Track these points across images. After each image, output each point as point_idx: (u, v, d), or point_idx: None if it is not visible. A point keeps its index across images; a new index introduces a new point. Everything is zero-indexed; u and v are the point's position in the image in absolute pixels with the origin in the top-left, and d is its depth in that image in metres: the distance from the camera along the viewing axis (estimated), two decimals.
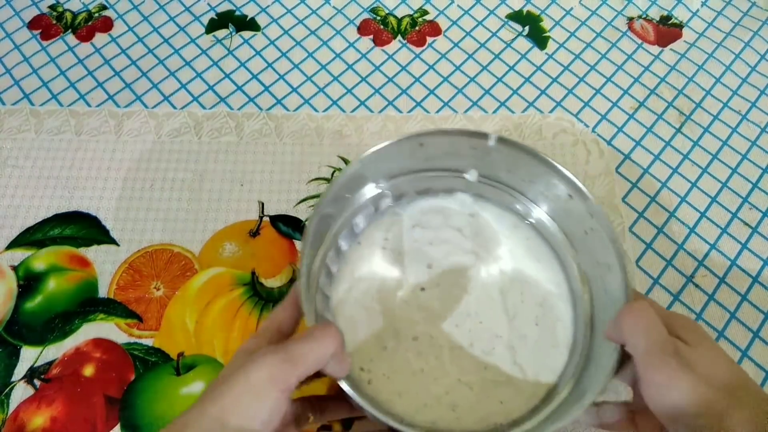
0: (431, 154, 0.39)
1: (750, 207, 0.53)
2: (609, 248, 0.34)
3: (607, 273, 0.35)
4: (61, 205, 0.51)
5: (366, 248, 0.39)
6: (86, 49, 0.61)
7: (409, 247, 0.40)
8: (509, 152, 0.37)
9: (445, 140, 0.38)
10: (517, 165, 0.38)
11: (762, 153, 0.56)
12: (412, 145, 0.37)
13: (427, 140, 0.37)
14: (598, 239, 0.36)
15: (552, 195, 0.38)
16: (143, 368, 0.44)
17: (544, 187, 0.39)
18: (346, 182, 0.37)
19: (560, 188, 0.37)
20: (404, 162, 0.39)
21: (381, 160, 0.37)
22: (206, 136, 0.55)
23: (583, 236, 0.37)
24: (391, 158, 0.38)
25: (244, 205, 0.51)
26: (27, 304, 0.47)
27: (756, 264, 0.50)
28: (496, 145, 0.37)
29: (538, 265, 0.39)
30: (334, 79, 0.59)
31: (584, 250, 0.38)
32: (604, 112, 0.58)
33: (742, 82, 0.60)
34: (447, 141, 0.38)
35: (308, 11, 0.64)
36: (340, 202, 0.38)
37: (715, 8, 0.66)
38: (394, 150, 0.37)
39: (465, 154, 0.39)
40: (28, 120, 0.56)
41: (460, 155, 0.39)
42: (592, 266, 0.37)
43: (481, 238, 0.40)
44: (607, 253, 0.34)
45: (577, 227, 0.38)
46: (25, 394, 0.43)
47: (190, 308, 0.47)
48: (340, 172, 0.34)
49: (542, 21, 0.64)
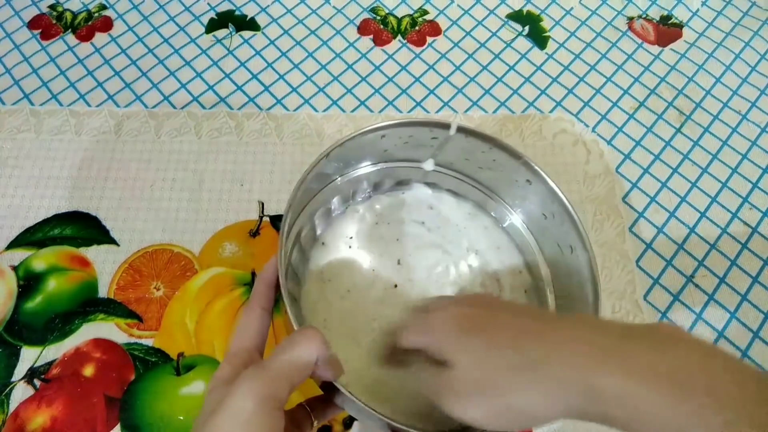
0: (390, 146, 0.39)
1: (750, 207, 0.53)
2: (570, 230, 0.35)
3: (570, 254, 0.35)
4: (61, 205, 0.51)
5: (332, 249, 0.39)
6: (86, 48, 0.61)
7: (376, 244, 0.40)
8: (468, 140, 0.37)
9: (406, 131, 0.37)
10: (474, 153, 0.38)
11: (762, 153, 0.56)
12: (374, 137, 0.37)
13: (388, 132, 0.37)
14: (558, 222, 0.36)
15: (509, 180, 0.39)
16: (143, 368, 0.44)
17: (502, 174, 0.39)
18: (313, 178, 0.35)
19: (520, 173, 0.37)
20: (365, 154, 0.39)
21: (344, 155, 0.37)
22: (206, 136, 0.55)
23: (543, 220, 0.38)
24: (353, 151, 0.38)
25: (244, 205, 0.51)
26: (27, 304, 0.47)
27: (756, 264, 0.50)
28: (456, 134, 0.37)
29: (498, 252, 0.40)
30: (334, 79, 0.59)
31: (545, 234, 0.39)
32: (604, 112, 0.58)
33: (742, 82, 0.60)
34: (408, 132, 0.38)
35: (308, 11, 0.64)
36: (302, 201, 0.37)
37: (715, 8, 0.66)
38: (356, 143, 0.36)
39: (425, 144, 0.39)
40: (28, 120, 0.56)
41: (420, 146, 0.39)
42: (553, 249, 0.38)
43: (444, 230, 0.41)
44: (569, 235, 0.35)
45: (536, 211, 0.39)
46: (25, 394, 0.43)
47: (190, 308, 0.47)
48: (305, 172, 0.33)
49: (542, 21, 0.64)
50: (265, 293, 0.31)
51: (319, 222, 0.39)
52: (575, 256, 0.35)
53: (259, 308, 0.30)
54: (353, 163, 0.39)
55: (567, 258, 0.36)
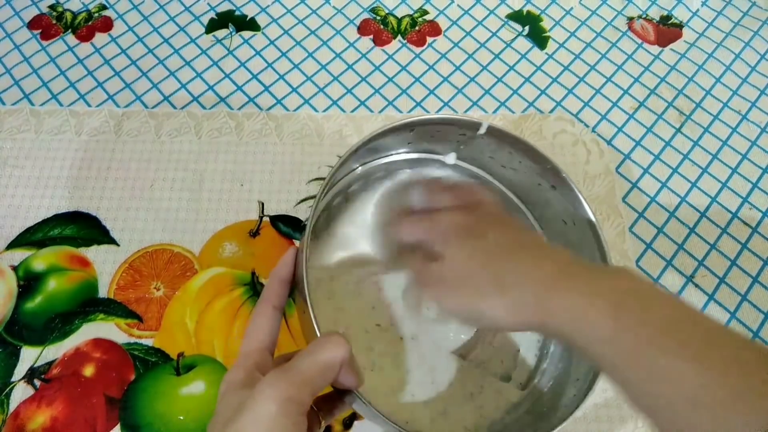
0: (415, 139, 0.39)
1: (750, 207, 0.53)
2: (591, 241, 0.36)
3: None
4: (61, 205, 0.51)
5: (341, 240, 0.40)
6: (86, 49, 0.61)
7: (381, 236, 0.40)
8: (496, 140, 0.37)
9: (435, 128, 0.38)
10: (499, 152, 0.39)
11: (762, 153, 0.56)
12: (403, 131, 0.37)
13: (418, 128, 0.37)
14: (578, 230, 0.37)
15: (532, 183, 0.39)
16: (143, 368, 0.44)
17: (525, 177, 0.39)
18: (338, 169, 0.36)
19: (545, 177, 0.37)
20: (388, 145, 0.39)
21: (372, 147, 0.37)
22: (206, 136, 0.55)
23: (562, 225, 0.39)
24: (380, 143, 0.38)
25: (244, 205, 0.51)
26: (27, 304, 0.47)
27: (756, 264, 0.50)
28: (484, 134, 0.37)
29: None
30: (334, 79, 0.59)
31: (559, 239, 0.39)
32: (604, 112, 0.58)
33: (742, 82, 0.60)
34: (437, 128, 0.38)
35: (308, 11, 0.64)
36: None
37: (715, 8, 0.66)
38: (388, 136, 0.36)
39: (451, 140, 0.39)
40: (28, 120, 0.56)
41: (446, 141, 0.40)
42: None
43: None
44: (589, 244, 0.36)
45: (555, 218, 0.39)
46: (25, 394, 0.43)
47: (190, 308, 0.47)
48: (335, 165, 0.34)
49: (542, 21, 0.64)
50: (277, 291, 0.30)
51: (335, 212, 0.40)
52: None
53: (270, 307, 0.30)
54: (376, 152, 0.40)
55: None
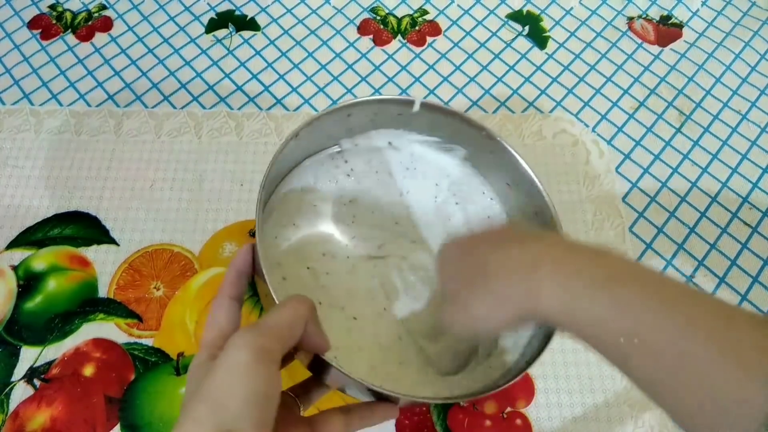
0: (356, 124, 0.39)
1: (750, 207, 0.53)
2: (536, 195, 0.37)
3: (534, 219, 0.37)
4: (61, 205, 0.51)
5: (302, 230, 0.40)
6: (86, 48, 0.61)
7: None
8: (433, 116, 0.38)
9: (370, 109, 0.38)
10: (440, 127, 0.39)
11: (762, 153, 0.56)
12: (340, 116, 0.37)
13: (354, 110, 0.37)
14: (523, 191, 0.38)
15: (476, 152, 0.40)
16: (143, 368, 0.44)
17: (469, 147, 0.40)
18: (281, 160, 0.36)
19: (485, 145, 0.38)
20: (332, 134, 0.39)
21: (313, 135, 0.37)
22: (206, 136, 0.55)
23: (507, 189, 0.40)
24: (322, 131, 0.38)
25: (244, 205, 0.51)
26: (27, 304, 0.47)
27: (756, 264, 0.50)
28: (420, 111, 0.37)
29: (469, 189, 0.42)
30: (334, 79, 0.59)
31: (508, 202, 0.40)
32: (604, 112, 0.58)
33: (742, 82, 0.60)
34: (372, 109, 0.38)
35: (308, 11, 0.64)
36: (274, 181, 0.38)
37: (715, 8, 0.66)
38: (322, 124, 0.36)
39: (389, 122, 0.40)
40: (28, 120, 0.56)
41: (386, 123, 0.40)
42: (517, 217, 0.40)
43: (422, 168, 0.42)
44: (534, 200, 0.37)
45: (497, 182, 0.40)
46: (25, 394, 0.43)
47: (190, 308, 0.47)
48: (277, 151, 0.34)
49: (542, 21, 0.64)
50: (234, 282, 0.30)
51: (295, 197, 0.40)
52: (540, 219, 0.37)
53: (227, 298, 0.29)
54: (322, 143, 0.40)
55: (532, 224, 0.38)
